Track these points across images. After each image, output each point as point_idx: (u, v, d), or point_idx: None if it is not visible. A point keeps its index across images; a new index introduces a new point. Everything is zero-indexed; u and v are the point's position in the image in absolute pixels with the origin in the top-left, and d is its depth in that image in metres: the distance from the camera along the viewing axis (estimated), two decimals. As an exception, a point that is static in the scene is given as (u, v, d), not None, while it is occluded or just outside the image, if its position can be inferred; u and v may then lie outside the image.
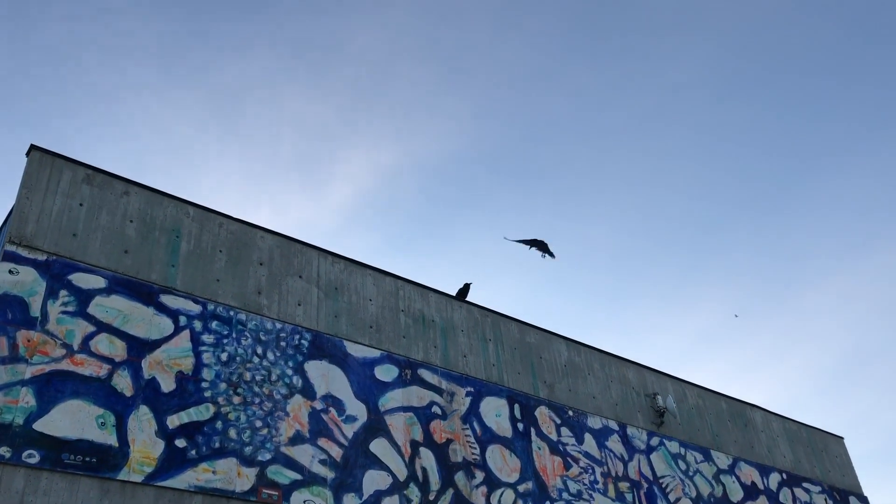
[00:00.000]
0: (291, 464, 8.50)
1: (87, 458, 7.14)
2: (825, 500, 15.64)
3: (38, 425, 7.02)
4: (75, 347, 7.60)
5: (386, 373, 10.07)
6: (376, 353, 10.11)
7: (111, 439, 7.37)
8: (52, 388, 7.26)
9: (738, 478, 14.13)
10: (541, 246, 12.78)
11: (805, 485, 15.46)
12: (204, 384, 8.30)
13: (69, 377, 7.42)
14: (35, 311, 7.53)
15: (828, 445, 16.96)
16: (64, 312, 7.71)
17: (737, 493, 13.87)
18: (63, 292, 7.81)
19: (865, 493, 16.81)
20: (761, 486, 14.47)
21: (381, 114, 35.25)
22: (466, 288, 12.02)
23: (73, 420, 7.23)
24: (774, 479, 14.86)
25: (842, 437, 17.48)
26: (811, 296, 37.79)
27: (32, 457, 6.85)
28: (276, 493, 8.22)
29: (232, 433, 8.23)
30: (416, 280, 11.34)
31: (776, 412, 16.27)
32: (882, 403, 37.61)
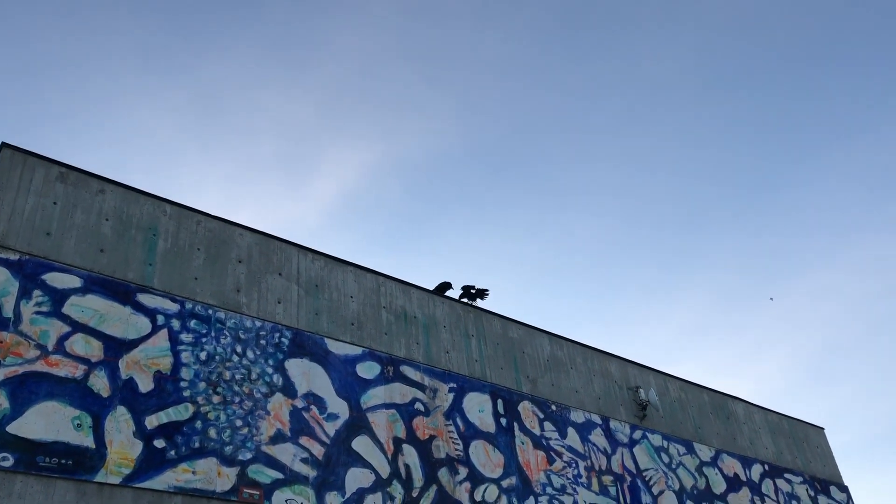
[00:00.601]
0: (273, 463, 8.42)
1: (63, 461, 7.02)
2: (806, 490, 15.78)
3: (12, 428, 6.89)
4: (50, 348, 7.47)
5: (368, 370, 10.01)
6: (358, 351, 10.05)
7: (87, 441, 7.26)
8: (25, 389, 7.13)
9: (720, 470, 14.21)
10: (471, 295, 12.54)
11: (787, 475, 15.59)
12: (183, 384, 8.20)
13: (44, 378, 7.29)
14: (8, 311, 7.40)
15: (809, 436, 17.11)
16: (38, 313, 7.58)
17: (720, 485, 13.95)
18: (37, 292, 7.68)
19: (846, 483, 16.98)
20: (744, 478, 14.56)
21: (364, 112, 35.10)
22: (445, 287, 11.96)
23: (48, 422, 7.10)
24: (756, 471, 14.97)
25: (822, 428, 17.65)
26: (792, 290, 38.13)
27: (6, 460, 6.73)
28: (258, 493, 8.14)
29: (212, 433, 8.13)
30: (398, 277, 11.29)
31: (758, 404, 16.39)
32: (861, 394, 38.06)
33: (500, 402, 11.35)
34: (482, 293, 12.40)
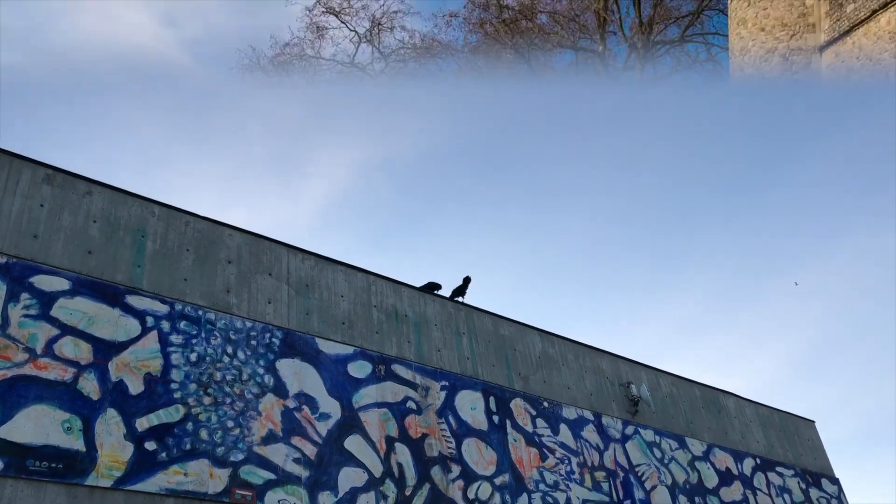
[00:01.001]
0: (265, 463, 8.40)
1: (54, 464, 6.98)
2: (798, 483, 15.86)
3: (1, 432, 6.84)
4: (38, 351, 7.43)
5: (359, 369, 9.99)
6: (349, 350, 10.03)
7: (78, 444, 7.22)
8: (14, 393, 7.08)
9: (712, 464, 14.27)
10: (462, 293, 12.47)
11: (778, 469, 15.67)
12: (173, 385, 8.17)
13: (33, 382, 7.25)
14: (-5, 315, 7.35)
15: (799, 430, 17.20)
16: (26, 316, 7.53)
17: (712, 480, 14.01)
18: (25, 295, 7.63)
19: (837, 475, 17.09)
20: (735, 472, 14.63)
21: (355, 111, 35.03)
22: (434, 287, 11.93)
23: (38, 425, 7.06)
24: (748, 465, 15.03)
25: (813, 421, 17.74)
26: (783, 286, 38.34)
27: (-4, 464, 6.69)
28: (250, 494, 8.12)
29: (203, 434, 8.10)
30: (390, 276, 11.28)
31: (749, 398, 16.47)
32: (851, 387, 38.31)
33: (492, 399, 11.35)
34: (466, 284, 12.33)
